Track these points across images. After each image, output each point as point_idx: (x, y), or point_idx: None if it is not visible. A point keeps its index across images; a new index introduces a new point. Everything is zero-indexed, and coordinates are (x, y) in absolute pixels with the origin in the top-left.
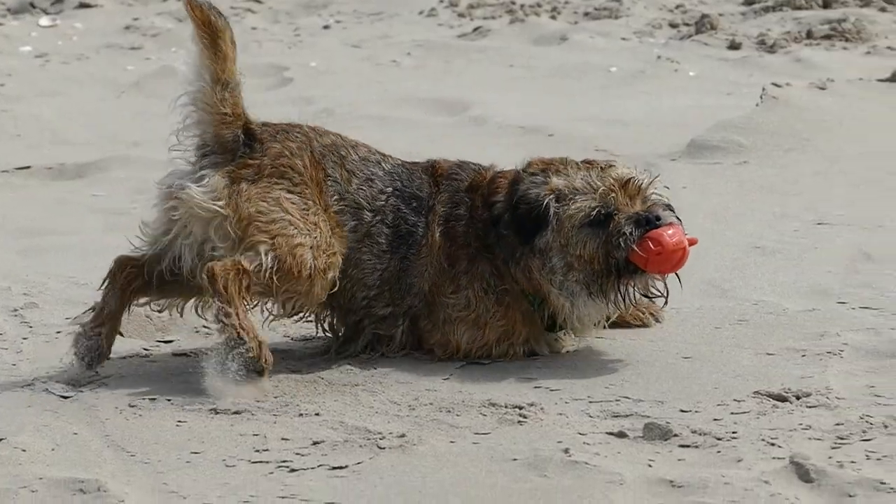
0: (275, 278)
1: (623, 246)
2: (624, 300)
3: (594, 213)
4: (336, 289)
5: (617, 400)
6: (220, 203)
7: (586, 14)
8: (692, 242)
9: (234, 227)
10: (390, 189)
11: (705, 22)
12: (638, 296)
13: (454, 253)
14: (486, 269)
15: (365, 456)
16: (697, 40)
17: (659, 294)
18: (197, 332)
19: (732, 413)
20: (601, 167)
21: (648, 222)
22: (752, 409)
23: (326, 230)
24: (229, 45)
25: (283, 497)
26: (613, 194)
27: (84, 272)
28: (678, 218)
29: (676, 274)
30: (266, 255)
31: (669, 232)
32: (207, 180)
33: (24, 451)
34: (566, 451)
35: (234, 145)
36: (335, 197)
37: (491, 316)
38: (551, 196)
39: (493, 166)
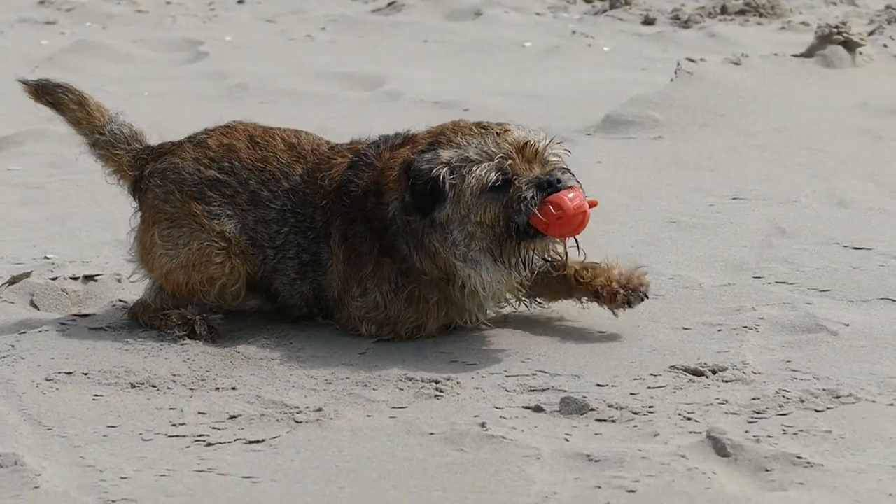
0: (164, 303)
1: (524, 210)
2: (525, 265)
3: (493, 180)
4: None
5: (533, 374)
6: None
7: None
8: (592, 205)
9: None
10: (286, 229)
11: None
12: (538, 260)
13: (358, 262)
14: (391, 270)
15: (282, 430)
16: (612, 15)
17: (559, 258)
18: (113, 305)
19: (649, 388)
20: (496, 132)
21: (550, 185)
22: (668, 384)
23: (200, 249)
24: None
25: (199, 471)
26: (511, 160)
27: (0, 246)
28: (578, 181)
29: (576, 239)
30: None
31: (570, 195)
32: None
33: None
34: (483, 425)
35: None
36: (236, 227)
37: (401, 314)
38: (445, 168)
39: (396, 136)
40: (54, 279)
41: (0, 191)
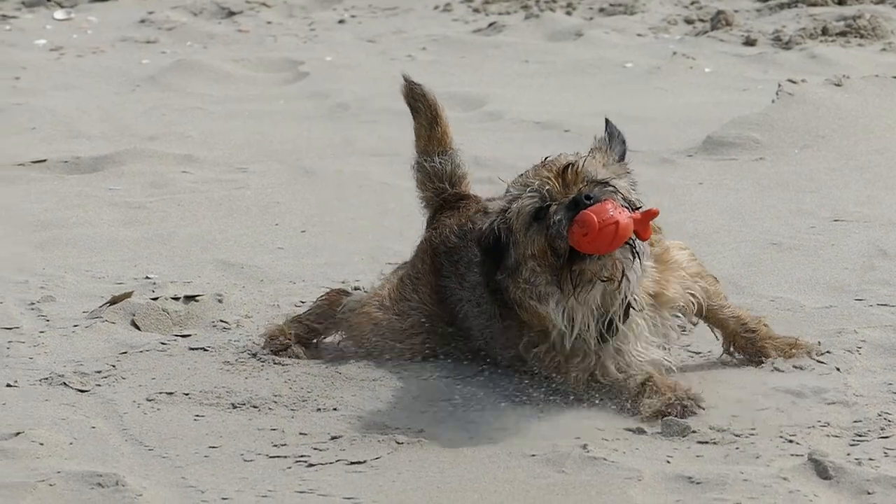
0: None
1: (557, 234)
2: (584, 289)
3: (531, 209)
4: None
5: None
6: None
7: (601, 10)
8: (651, 214)
9: None
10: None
11: (720, 18)
12: (596, 281)
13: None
14: (513, 332)
15: (383, 451)
16: (713, 36)
17: (618, 277)
18: (214, 326)
19: (751, 410)
20: (542, 163)
21: (577, 204)
22: (770, 406)
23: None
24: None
25: (301, 492)
26: (548, 186)
27: (100, 266)
28: (616, 191)
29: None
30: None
31: (600, 210)
32: None
33: (41, 444)
34: (584, 447)
35: None
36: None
37: (547, 368)
38: (498, 218)
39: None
40: (155, 299)
41: (101, 210)
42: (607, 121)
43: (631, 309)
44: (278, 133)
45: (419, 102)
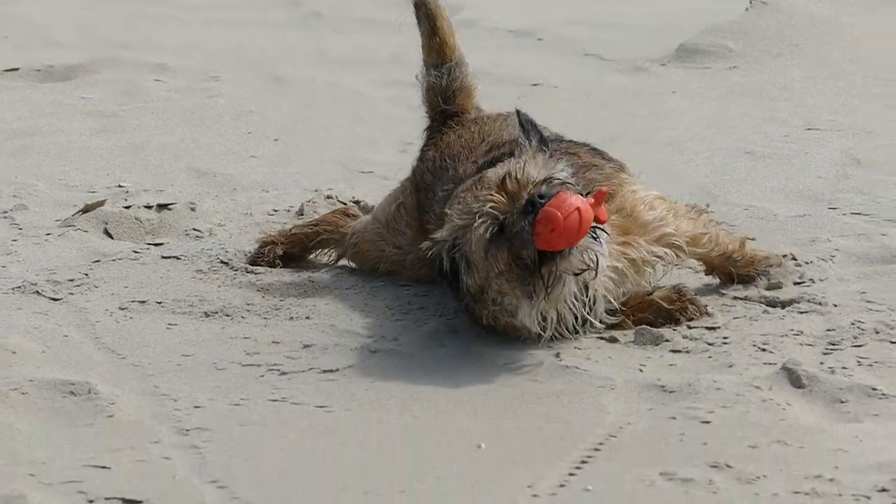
0: None
1: (524, 243)
2: (559, 286)
3: (487, 235)
4: None
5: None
6: None
7: None
8: (601, 196)
9: None
10: None
11: None
12: (572, 274)
13: None
14: None
15: (356, 359)
16: None
17: (592, 265)
18: (187, 234)
19: (724, 317)
20: (475, 183)
21: (534, 206)
22: (743, 315)
23: None
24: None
25: (273, 400)
26: (493, 203)
27: (73, 174)
28: (563, 182)
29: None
30: None
31: (555, 204)
32: None
33: (14, 353)
34: (557, 355)
35: None
36: None
37: None
38: (451, 250)
39: None
40: (128, 207)
41: (74, 119)
42: (518, 111)
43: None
44: (251, 42)
45: (419, 10)
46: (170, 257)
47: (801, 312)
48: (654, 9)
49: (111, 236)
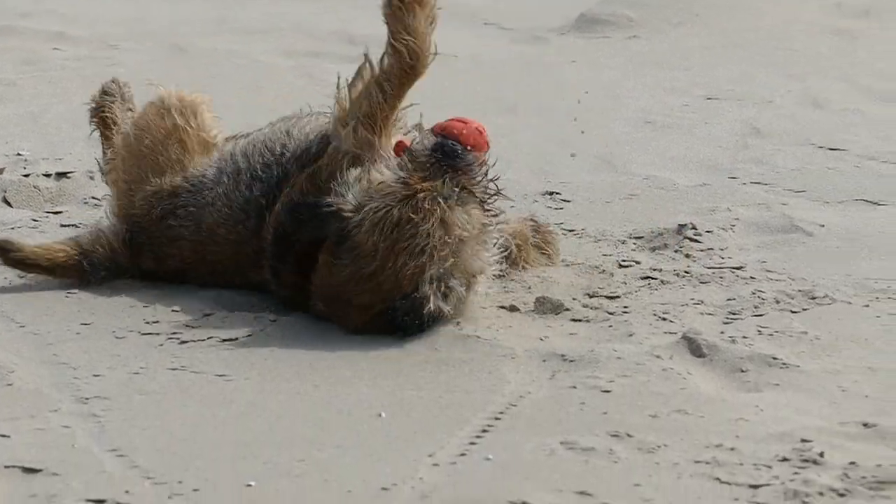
0: None
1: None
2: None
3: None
4: None
5: (508, 273)
6: None
7: None
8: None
9: None
10: None
11: None
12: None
13: None
14: None
15: (255, 328)
16: None
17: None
18: (86, 203)
19: (624, 287)
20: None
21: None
22: (643, 285)
23: None
24: None
25: (173, 369)
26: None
27: None
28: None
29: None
30: None
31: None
32: None
33: None
34: (457, 324)
35: None
36: None
37: None
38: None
39: None
40: (27, 176)
41: None
42: None
43: None
44: (151, 10)
45: None
46: (69, 225)
47: (702, 282)
48: None
49: (10, 205)
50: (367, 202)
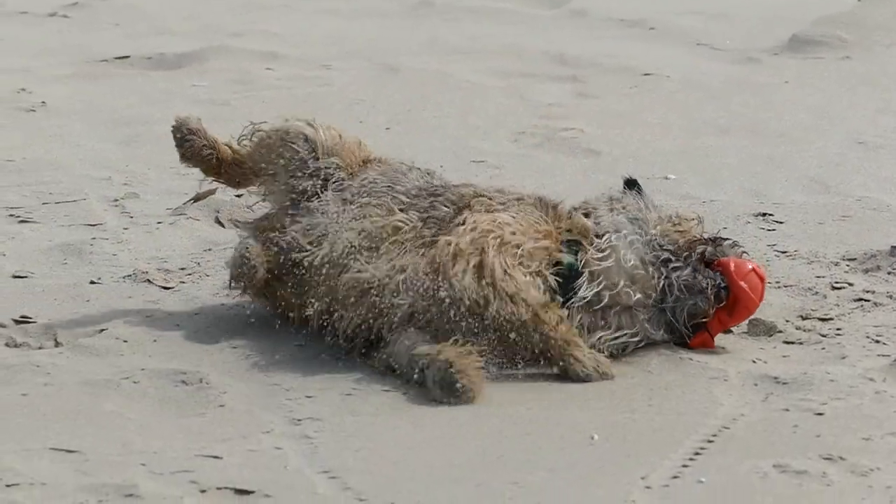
0: None
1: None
2: None
3: None
4: None
5: None
6: None
7: None
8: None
9: None
10: None
11: None
12: None
13: None
14: None
15: None
16: None
17: None
18: None
19: (837, 308)
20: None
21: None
22: (857, 307)
23: None
24: None
25: (385, 390)
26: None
27: None
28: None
29: None
30: None
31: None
32: None
33: (125, 342)
34: (670, 346)
35: None
36: None
37: None
38: None
39: None
40: (239, 196)
41: (185, 107)
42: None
43: None
44: (363, 30)
45: None
46: None
47: None
48: None
49: (222, 225)
50: None
